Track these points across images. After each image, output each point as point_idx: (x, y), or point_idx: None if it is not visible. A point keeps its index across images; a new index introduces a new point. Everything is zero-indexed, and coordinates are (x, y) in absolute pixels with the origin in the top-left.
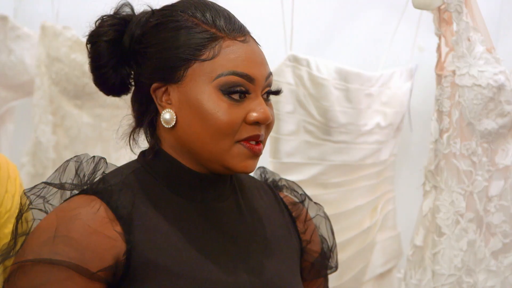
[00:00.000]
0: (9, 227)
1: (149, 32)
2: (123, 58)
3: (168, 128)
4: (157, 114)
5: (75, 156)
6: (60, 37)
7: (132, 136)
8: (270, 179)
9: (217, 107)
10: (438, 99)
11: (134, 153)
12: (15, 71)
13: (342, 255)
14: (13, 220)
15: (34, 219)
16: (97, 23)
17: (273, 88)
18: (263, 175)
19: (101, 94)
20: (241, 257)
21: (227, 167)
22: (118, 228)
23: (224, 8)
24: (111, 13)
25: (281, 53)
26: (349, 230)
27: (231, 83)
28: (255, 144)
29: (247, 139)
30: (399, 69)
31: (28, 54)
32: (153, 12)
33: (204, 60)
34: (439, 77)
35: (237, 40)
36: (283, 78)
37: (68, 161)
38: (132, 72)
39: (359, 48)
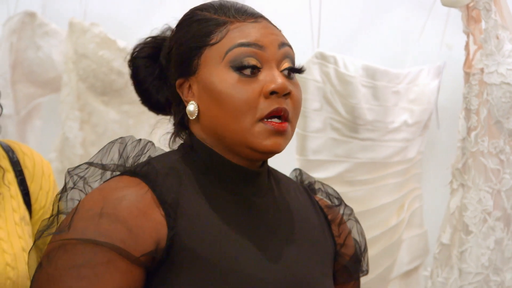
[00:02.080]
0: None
1: (171, 37)
2: (163, 75)
3: (195, 121)
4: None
5: (119, 138)
6: (88, 33)
7: (173, 140)
8: (306, 182)
9: (230, 85)
10: (466, 97)
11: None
12: (43, 67)
13: (368, 253)
14: (46, 217)
15: (72, 200)
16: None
17: (293, 65)
18: (298, 177)
19: (128, 90)
20: (277, 254)
21: (252, 148)
22: (160, 213)
23: (244, 4)
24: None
25: (308, 51)
26: (375, 227)
27: (240, 55)
28: (279, 122)
29: (269, 115)
30: (426, 67)
31: (56, 50)
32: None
33: (213, 44)
34: (467, 75)
35: (246, 22)
36: (310, 75)
37: (112, 142)
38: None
39: (387, 45)
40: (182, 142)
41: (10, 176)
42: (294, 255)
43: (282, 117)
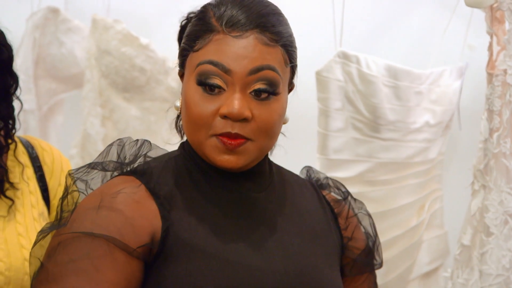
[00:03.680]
0: None
1: None
2: None
3: None
4: None
5: (118, 140)
6: (111, 30)
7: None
8: (315, 178)
9: (192, 98)
10: (489, 98)
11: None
12: (66, 63)
13: (388, 253)
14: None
15: (74, 203)
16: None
17: (271, 88)
18: (308, 174)
19: (150, 87)
20: (277, 246)
21: (210, 161)
22: (154, 207)
23: (251, 3)
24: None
25: (331, 50)
26: (395, 228)
27: (207, 72)
28: (232, 139)
29: (222, 135)
30: (449, 67)
31: (79, 46)
32: None
33: (195, 51)
34: (490, 76)
35: (230, 35)
36: (332, 74)
37: (111, 144)
38: None
39: (409, 45)
40: None
41: (29, 171)
42: (295, 246)
43: (236, 137)
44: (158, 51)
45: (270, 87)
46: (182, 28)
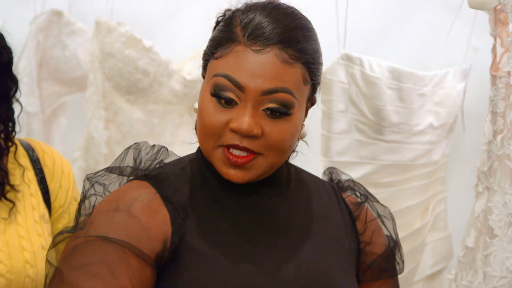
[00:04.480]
0: (63, 222)
1: None
2: None
3: None
4: None
5: (135, 144)
6: (114, 32)
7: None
8: (336, 180)
9: (205, 107)
10: (493, 100)
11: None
12: (69, 66)
13: None
14: (66, 215)
15: (92, 206)
16: None
17: (284, 109)
18: (330, 175)
19: (153, 90)
20: (289, 252)
21: (217, 170)
22: (167, 214)
23: (279, 15)
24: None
25: (334, 52)
26: (399, 230)
27: (221, 85)
28: (237, 155)
29: (228, 147)
30: (453, 69)
31: (82, 49)
32: None
33: (215, 58)
34: (493, 78)
35: (250, 48)
36: (335, 76)
37: (128, 148)
38: None
39: (413, 47)
40: None
41: (30, 174)
42: (308, 252)
43: (244, 149)
44: (161, 54)
45: (283, 107)
46: (217, 24)
